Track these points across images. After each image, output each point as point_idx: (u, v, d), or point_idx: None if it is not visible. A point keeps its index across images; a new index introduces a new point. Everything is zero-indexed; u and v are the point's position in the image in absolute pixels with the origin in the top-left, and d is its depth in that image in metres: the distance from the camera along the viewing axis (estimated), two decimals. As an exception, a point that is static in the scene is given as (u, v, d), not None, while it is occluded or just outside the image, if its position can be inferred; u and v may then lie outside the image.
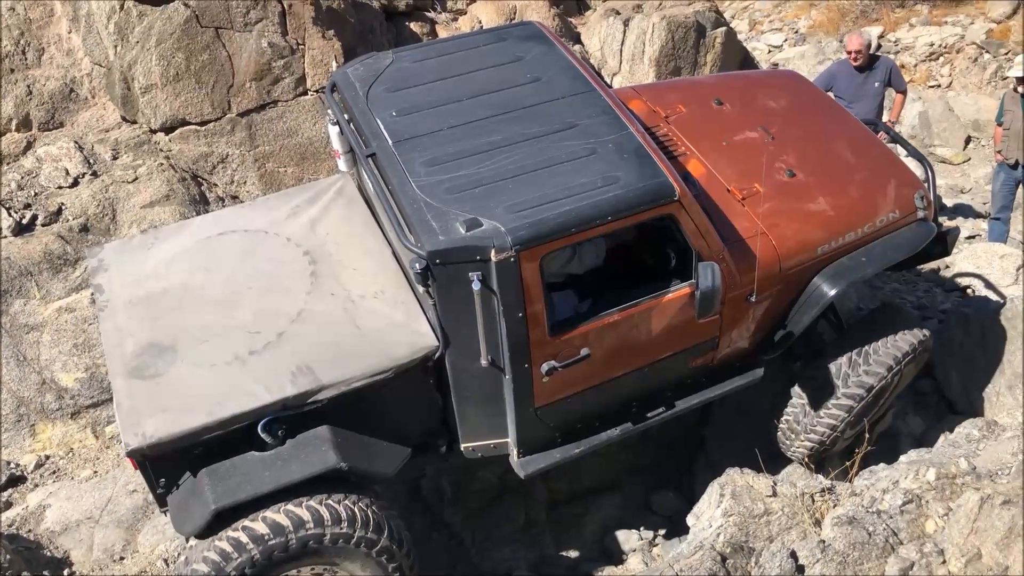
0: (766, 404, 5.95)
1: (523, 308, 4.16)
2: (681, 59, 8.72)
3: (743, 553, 4.46)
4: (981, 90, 11.03)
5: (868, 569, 4.29)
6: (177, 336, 4.44)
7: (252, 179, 7.58)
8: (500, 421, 4.59)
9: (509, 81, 4.77)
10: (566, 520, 5.95)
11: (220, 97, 7.40)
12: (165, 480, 4.27)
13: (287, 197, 5.24)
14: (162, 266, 4.83)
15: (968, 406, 6.05)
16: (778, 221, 4.92)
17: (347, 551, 4.24)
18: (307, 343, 4.35)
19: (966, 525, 4.24)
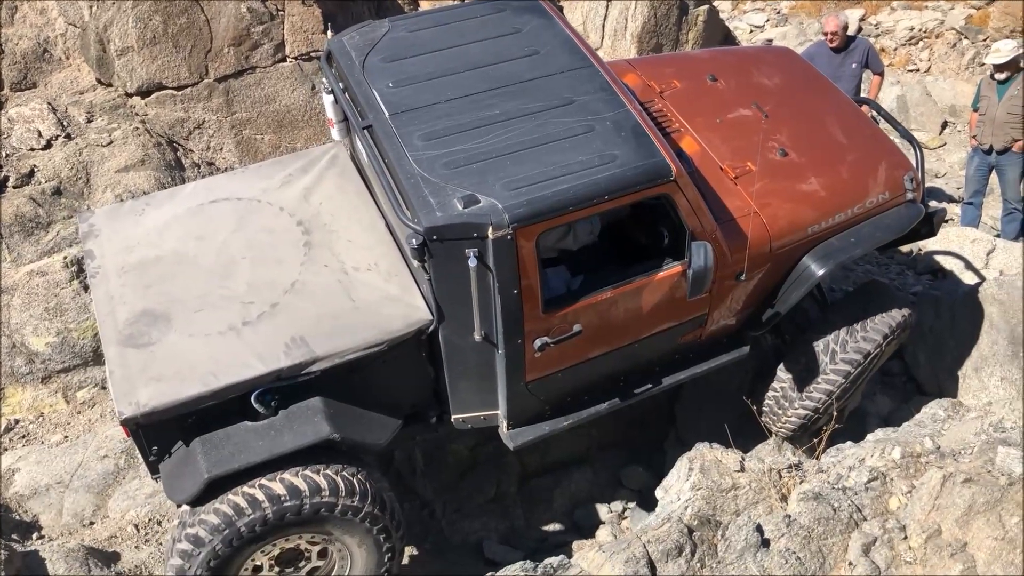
0: (737, 382, 6.03)
1: (518, 285, 4.20)
2: (663, 36, 8.73)
3: (710, 526, 4.53)
4: (959, 75, 11.12)
5: (832, 544, 4.38)
6: (171, 305, 4.44)
7: (229, 146, 7.52)
8: (491, 394, 4.65)
9: (507, 54, 4.75)
10: (537, 493, 6.03)
11: (197, 62, 7.33)
12: (157, 448, 4.30)
13: (280, 165, 5.21)
14: (154, 233, 4.81)
15: (935, 387, 6.18)
16: (770, 201, 4.97)
17: (337, 520, 4.32)
18: (301, 314, 4.37)
19: (928, 502, 4.34)
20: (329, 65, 4.94)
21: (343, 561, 4.57)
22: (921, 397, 6.19)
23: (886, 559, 4.29)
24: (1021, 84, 7.51)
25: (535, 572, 4.40)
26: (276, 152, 7.63)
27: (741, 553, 4.36)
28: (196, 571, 4.16)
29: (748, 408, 5.49)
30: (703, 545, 4.46)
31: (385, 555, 4.56)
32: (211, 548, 4.14)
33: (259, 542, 4.26)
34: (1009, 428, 5.04)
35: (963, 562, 4.13)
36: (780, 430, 5.63)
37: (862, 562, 4.28)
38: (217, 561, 4.18)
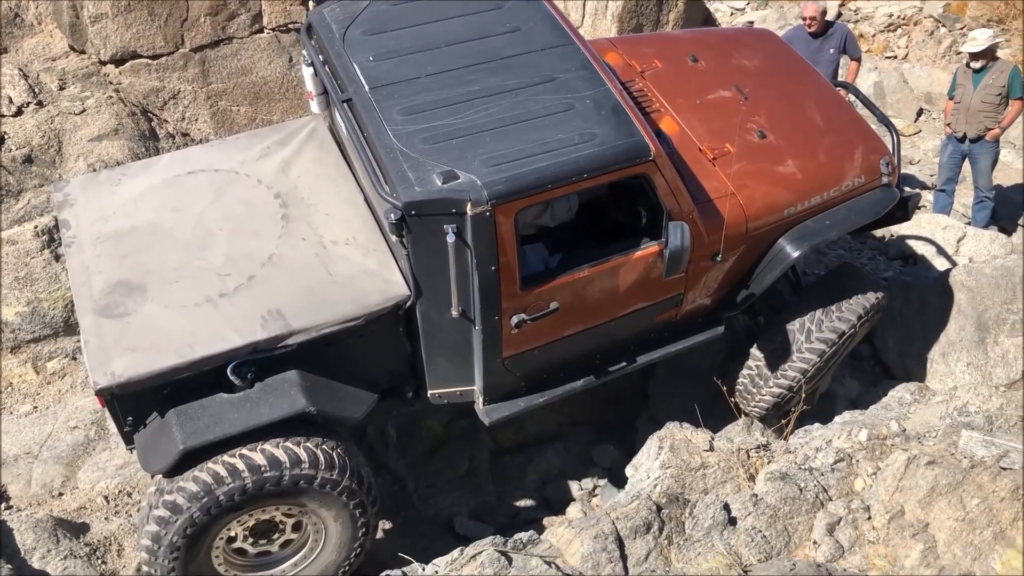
0: (709, 363, 6.08)
1: (496, 262, 4.23)
2: (644, 16, 8.72)
3: (678, 504, 4.60)
4: (935, 63, 11.20)
5: (797, 523, 4.46)
6: (147, 275, 4.44)
7: (204, 116, 7.45)
8: (467, 370, 4.70)
9: (488, 30, 4.75)
10: (509, 469, 6.07)
11: (173, 31, 7.24)
12: (132, 419, 4.31)
13: (257, 137, 5.19)
14: (130, 203, 4.79)
15: (903, 371, 6.27)
16: (747, 182, 5.01)
17: (315, 493, 4.35)
18: (278, 287, 4.38)
19: (892, 483, 4.42)
20: (309, 37, 4.91)
21: (317, 535, 4.61)
22: (889, 381, 6.28)
23: (850, 538, 4.38)
24: (996, 73, 7.56)
25: (505, 547, 4.45)
26: (252, 124, 7.57)
27: (708, 531, 4.42)
28: (172, 538, 4.18)
29: (719, 389, 5.54)
30: (671, 522, 4.52)
31: (359, 530, 4.60)
32: (189, 515, 4.16)
33: (236, 512, 4.28)
34: (973, 412, 5.14)
35: (924, 542, 4.22)
36: (753, 410, 5.70)
37: (826, 541, 4.36)
38: (194, 529, 4.20)
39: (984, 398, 5.76)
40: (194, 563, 4.31)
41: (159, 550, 4.20)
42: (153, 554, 4.23)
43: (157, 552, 4.21)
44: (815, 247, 5.39)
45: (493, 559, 4.26)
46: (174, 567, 4.25)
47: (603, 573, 4.29)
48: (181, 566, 4.26)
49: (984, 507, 4.19)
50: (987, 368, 5.94)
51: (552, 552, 4.42)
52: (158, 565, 4.25)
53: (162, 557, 4.22)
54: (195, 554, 4.29)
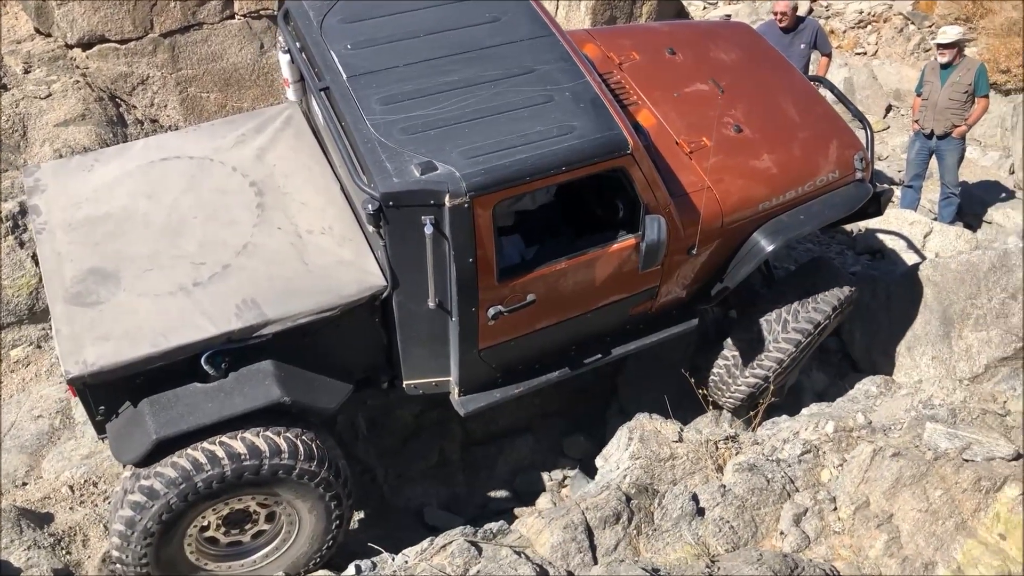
0: (679, 356, 6.12)
1: (474, 253, 4.22)
2: (617, 9, 8.74)
3: (647, 494, 4.63)
4: (904, 60, 11.32)
5: (765, 514, 4.51)
6: (120, 263, 4.39)
7: (173, 103, 7.37)
8: (443, 360, 4.70)
9: (467, 19, 4.74)
10: (479, 460, 6.09)
11: (142, 15, 7.14)
12: (104, 408, 4.27)
13: (233, 124, 5.14)
14: (103, 189, 4.73)
15: (869, 364, 6.35)
16: (723, 176, 5.05)
17: (293, 484, 4.34)
18: (253, 276, 4.35)
19: (858, 475, 4.48)
20: (286, 24, 4.88)
21: (291, 526, 4.60)
22: (855, 374, 6.36)
23: (816, 529, 4.43)
24: (962, 71, 7.65)
25: (475, 537, 4.45)
26: (222, 111, 7.50)
27: (677, 521, 4.46)
28: (147, 523, 4.15)
29: (688, 381, 5.58)
30: (640, 513, 4.55)
31: (333, 522, 4.59)
32: (165, 501, 4.13)
33: (213, 499, 4.26)
34: (937, 405, 5.21)
35: (888, 532, 4.28)
36: (727, 402, 5.77)
37: (793, 531, 4.41)
38: (170, 515, 4.17)
39: (948, 391, 5.86)
40: (166, 550, 4.28)
41: (132, 535, 4.16)
42: (125, 539, 4.18)
43: (130, 537, 4.17)
44: (789, 241, 5.45)
45: (463, 549, 4.26)
46: (146, 553, 4.21)
47: (572, 563, 4.31)
48: (153, 553, 4.23)
49: (947, 498, 4.26)
50: (951, 362, 6.03)
51: (522, 542, 4.44)
52: (129, 551, 4.20)
53: (135, 543, 4.18)
54: (168, 541, 4.26)
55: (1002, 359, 5.90)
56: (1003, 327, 5.90)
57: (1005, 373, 5.95)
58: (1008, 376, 5.93)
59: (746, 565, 4.07)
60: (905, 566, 4.17)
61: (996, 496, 4.23)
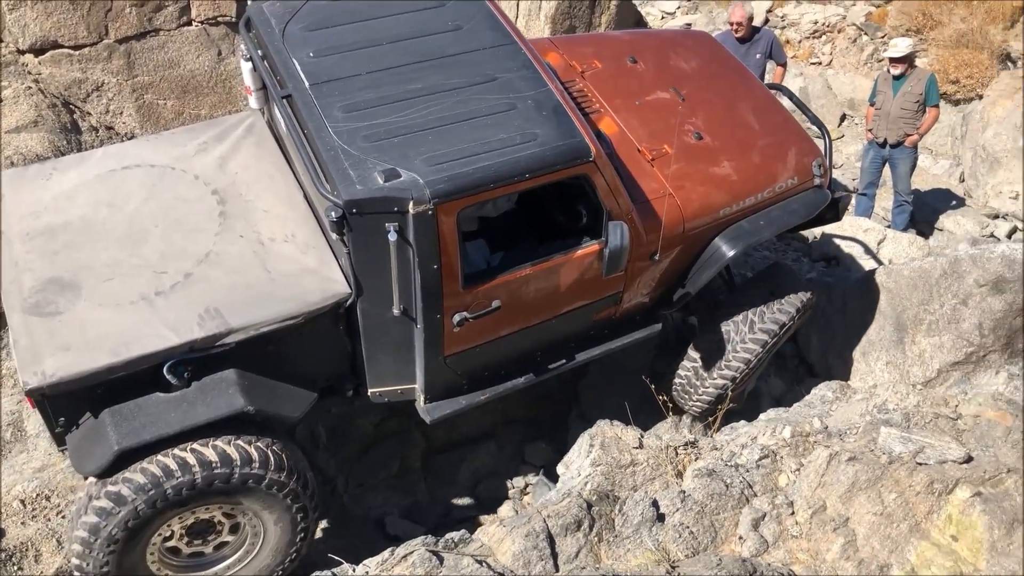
0: (640, 362, 6.16)
1: (438, 260, 4.24)
2: (576, 18, 8.79)
3: (608, 501, 4.64)
4: (858, 70, 11.53)
5: (724, 519, 4.55)
6: (79, 273, 4.35)
7: (129, 110, 7.26)
8: (408, 368, 4.70)
9: (430, 27, 4.75)
10: (441, 468, 6.07)
11: (97, 20, 7.04)
12: (64, 420, 4.21)
13: (194, 132, 5.12)
14: (62, 198, 4.68)
15: (825, 370, 6.43)
16: (684, 183, 5.10)
17: (261, 494, 4.32)
18: (215, 285, 4.33)
19: (815, 479, 4.53)
20: (248, 32, 4.87)
21: (255, 538, 4.58)
22: (812, 379, 6.45)
23: (774, 533, 4.47)
24: (914, 81, 7.81)
25: (436, 547, 4.43)
26: (179, 118, 7.42)
27: (637, 527, 4.48)
28: (112, 530, 4.10)
29: (648, 387, 5.62)
30: (601, 520, 4.56)
31: (298, 535, 4.58)
32: (133, 508, 4.09)
33: (181, 507, 4.23)
34: (891, 410, 5.29)
35: (845, 536, 4.34)
36: (693, 407, 5.82)
37: (751, 536, 4.45)
38: (136, 522, 4.13)
39: (902, 396, 5.95)
40: (128, 559, 4.24)
41: (95, 543, 4.11)
42: (88, 546, 4.12)
43: (93, 544, 4.11)
44: (750, 247, 5.53)
45: (424, 559, 4.24)
46: (108, 561, 4.16)
47: (534, 571, 4.31)
48: (115, 560, 4.18)
49: (901, 501, 4.33)
50: (905, 367, 6.13)
51: (483, 551, 4.43)
52: (91, 559, 4.14)
53: (98, 550, 4.12)
54: (131, 549, 4.22)
55: (954, 363, 6.01)
56: (955, 332, 6.02)
57: (957, 377, 6.06)
58: (959, 380, 6.05)
59: (706, 570, 4.09)
60: (861, 568, 4.23)
61: (948, 498, 4.31)
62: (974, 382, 6.01)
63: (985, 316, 6.00)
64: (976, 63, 10.60)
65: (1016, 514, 4.21)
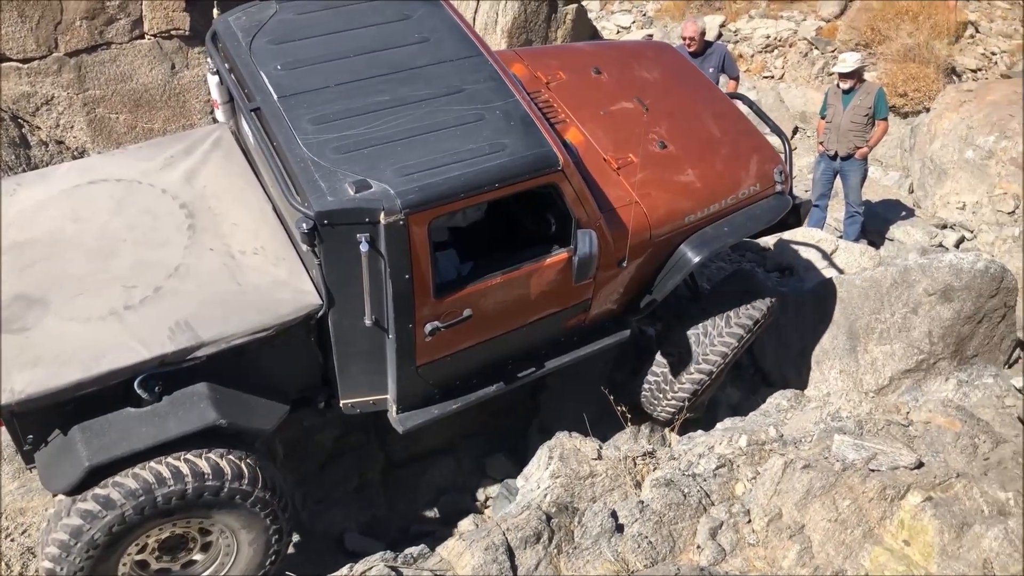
0: (598, 373, 6.19)
1: (410, 270, 4.29)
2: (532, 32, 8.85)
3: (567, 512, 4.66)
4: (809, 84, 11.77)
5: (682, 528, 4.59)
6: (47, 288, 4.31)
7: (80, 124, 7.18)
8: (380, 378, 4.73)
9: (396, 40, 4.81)
10: (401, 482, 6.05)
11: (46, 34, 6.95)
12: (33, 437, 4.19)
13: (160, 146, 5.10)
14: (27, 214, 4.64)
15: (781, 379, 6.53)
16: (650, 191, 5.20)
17: (244, 511, 4.33)
18: (186, 298, 4.32)
19: (770, 487, 4.60)
20: (214, 45, 4.89)
21: (226, 558, 4.55)
22: (767, 388, 6.53)
23: (731, 541, 4.53)
24: (863, 95, 7.98)
25: (395, 562, 4.42)
26: (131, 132, 7.35)
27: (596, 538, 4.50)
28: (95, 534, 4.06)
29: (607, 398, 5.65)
30: (560, 531, 4.58)
31: (269, 557, 4.58)
32: (120, 513, 4.06)
33: (167, 517, 4.21)
34: (845, 417, 5.39)
35: (800, 543, 4.41)
36: (661, 414, 5.91)
37: (709, 545, 4.50)
38: (121, 528, 4.10)
39: (855, 404, 6.06)
40: (103, 566, 4.20)
41: (75, 547, 4.06)
42: (67, 550, 4.06)
43: (72, 548, 4.06)
44: (715, 253, 5.61)
45: (383, 575, 4.22)
46: (83, 567, 4.11)
47: (493, 584, 4.31)
48: (90, 567, 4.13)
49: (855, 508, 4.41)
50: (858, 375, 6.24)
51: (443, 566, 4.42)
52: (67, 563, 4.09)
53: (76, 555, 4.07)
54: (108, 557, 4.18)
55: (905, 371, 6.14)
56: (905, 340, 6.14)
57: (908, 385, 6.18)
58: (911, 387, 6.17)
59: (665, 580, 4.13)
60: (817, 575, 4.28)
61: (900, 504, 4.40)
62: (924, 389, 6.13)
63: (934, 324, 6.13)
64: (923, 77, 10.88)
65: (965, 518, 4.30)
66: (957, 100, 9.98)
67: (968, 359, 6.30)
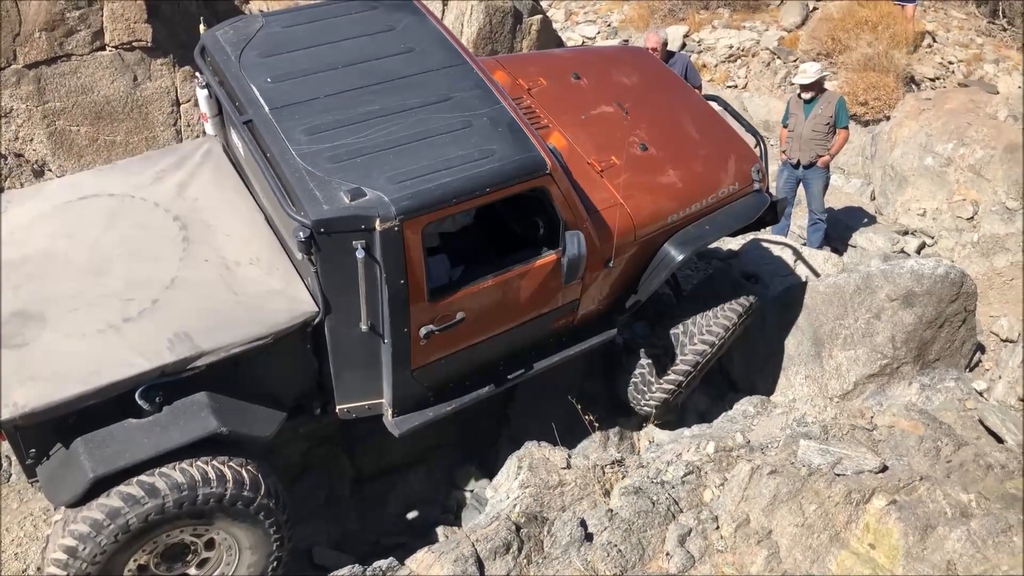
0: (568, 383, 6.20)
1: (404, 276, 4.46)
2: (498, 43, 8.91)
3: (537, 522, 4.71)
4: (772, 93, 11.95)
5: (651, 536, 4.64)
6: (44, 304, 4.43)
7: (40, 137, 7.13)
8: (376, 383, 4.89)
9: (383, 51, 5.00)
10: (371, 496, 6.06)
11: (4, 45, 6.95)
12: (35, 451, 4.29)
13: (149, 160, 5.24)
14: (19, 231, 4.75)
15: (748, 385, 6.64)
16: (633, 192, 5.44)
17: (249, 518, 4.44)
18: (183, 310, 4.46)
19: (738, 493, 4.66)
20: (203, 59, 5.04)
21: (228, 566, 4.63)
22: (735, 394, 6.63)
23: (700, 548, 4.58)
24: (824, 104, 8.09)
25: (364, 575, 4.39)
26: (93, 145, 7.32)
27: (566, 548, 4.54)
28: (101, 541, 4.14)
29: (575, 408, 5.67)
30: (530, 542, 4.62)
31: (271, 563, 4.68)
32: (125, 520, 4.14)
33: (174, 522, 4.30)
34: (810, 423, 5.49)
35: (768, 548, 4.47)
36: (644, 407, 6.09)
37: (678, 552, 4.55)
38: (126, 535, 4.18)
39: (820, 409, 6.15)
40: (113, 565, 4.26)
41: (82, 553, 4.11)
42: (74, 555, 4.12)
43: (79, 555, 4.11)
44: (698, 250, 5.84)
45: (352, 588, 4.21)
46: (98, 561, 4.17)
47: (464, 596, 4.30)
48: (103, 564, 4.20)
49: (821, 512, 4.47)
50: (823, 380, 6.35)
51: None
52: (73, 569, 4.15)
53: (82, 562, 4.14)
54: (114, 564, 4.25)
55: (869, 376, 6.27)
56: (869, 345, 6.25)
57: (872, 389, 6.31)
58: (875, 392, 6.29)
59: (634, 588, 4.15)
60: (785, 579, 4.33)
61: (865, 508, 4.47)
62: (888, 393, 6.25)
63: (897, 329, 6.25)
64: (883, 85, 11.10)
65: (929, 520, 4.37)
66: (916, 108, 10.20)
67: (930, 363, 6.43)
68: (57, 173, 7.25)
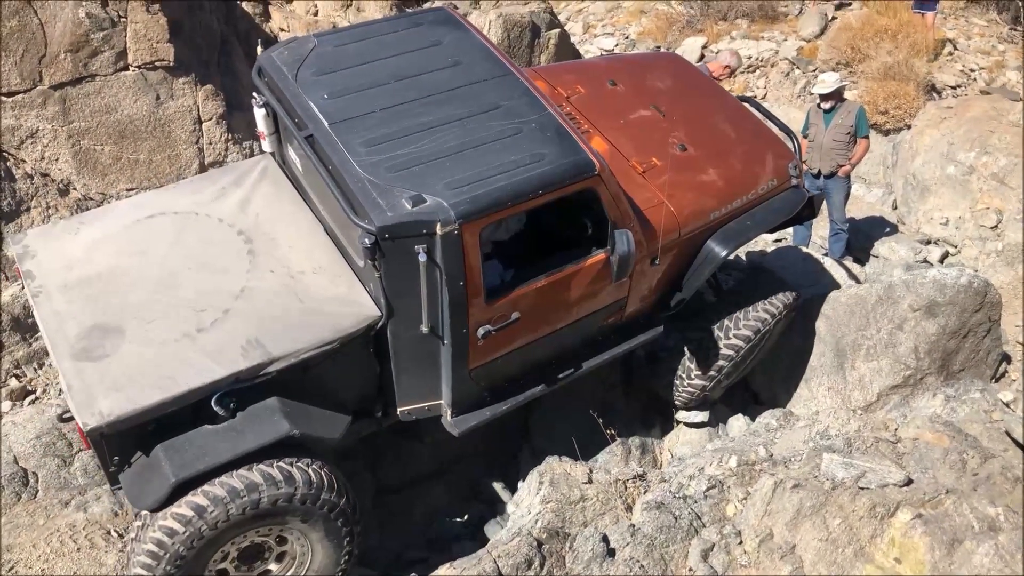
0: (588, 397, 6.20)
1: (464, 277, 4.71)
2: (516, 57, 9.02)
3: (559, 538, 4.73)
4: (792, 102, 11.95)
5: (673, 551, 4.64)
6: (121, 317, 4.77)
7: (65, 156, 7.30)
8: (435, 384, 5.16)
9: (431, 65, 5.31)
10: (393, 509, 6.04)
11: (31, 67, 7.09)
12: (118, 458, 4.60)
13: (210, 179, 5.61)
14: (92, 250, 5.11)
15: (770, 397, 6.64)
16: (676, 191, 5.70)
17: (300, 509, 4.65)
18: (254, 318, 4.78)
19: (761, 508, 4.65)
20: (260, 79, 5.38)
21: (301, 566, 4.88)
22: (757, 407, 6.59)
23: (723, 563, 4.58)
24: (844, 113, 8.06)
25: (385, 591, 4.41)
26: (117, 164, 7.52)
27: (588, 564, 4.57)
28: (185, 540, 4.43)
29: (596, 421, 5.67)
30: (552, 558, 4.63)
31: (343, 558, 4.90)
32: (208, 520, 4.41)
33: (267, 519, 4.57)
34: (833, 436, 5.46)
35: (792, 563, 4.46)
36: (678, 398, 6.34)
37: (701, 567, 4.56)
38: (210, 534, 4.48)
39: (843, 421, 6.12)
40: (196, 565, 4.53)
41: (166, 554, 4.36)
42: (158, 559, 4.39)
43: (163, 556, 4.37)
44: (741, 245, 6.07)
45: (374, 605, 4.22)
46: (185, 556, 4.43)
47: (485, 612, 4.29)
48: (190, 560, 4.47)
49: (845, 526, 4.45)
50: (846, 392, 6.33)
51: (434, 594, 4.40)
52: (158, 570, 4.40)
53: (166, 563, 4.40)
54: (196, 564, 4.51)
55: (892, 387, 6.24)
56: (892, 356, 6.23)
57: (896, 401, 6.27)
58: (898, 404, 6.25)
59: (657, 604, 4.12)
60: (809, 595, 4.29)
61: (890, 521, 4.45)
62: (912, 405, 6.21)
63: (920, 340, 6.23)
64: (903, 94, 11.09)
65: (955, 534, 4.31)
66: (938, 117, 10.16)
67: (955, 374, 6.39)
68: (82, 192, 7.39)
